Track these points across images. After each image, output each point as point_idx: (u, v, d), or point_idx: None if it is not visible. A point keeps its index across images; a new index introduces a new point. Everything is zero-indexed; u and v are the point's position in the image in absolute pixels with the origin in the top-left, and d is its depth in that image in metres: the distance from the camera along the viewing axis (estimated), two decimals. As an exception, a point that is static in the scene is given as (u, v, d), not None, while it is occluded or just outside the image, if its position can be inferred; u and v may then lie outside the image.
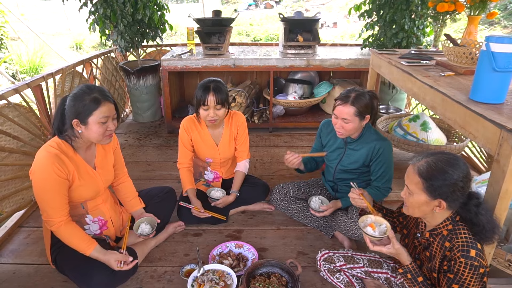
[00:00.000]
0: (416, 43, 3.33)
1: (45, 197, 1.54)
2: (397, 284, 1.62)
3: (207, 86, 1.99)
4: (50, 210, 1.56)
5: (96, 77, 3.46)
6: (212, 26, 3.48)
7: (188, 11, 3.71)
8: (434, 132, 2.67)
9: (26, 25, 8.35)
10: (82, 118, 1.54)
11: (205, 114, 2.03)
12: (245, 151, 2.28)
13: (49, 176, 1.52)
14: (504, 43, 1.36)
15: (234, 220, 2.28)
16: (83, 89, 1.55)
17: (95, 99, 1.54)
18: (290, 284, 1.68)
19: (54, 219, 1.57)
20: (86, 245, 1.62)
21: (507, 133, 1.23)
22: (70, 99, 1.55)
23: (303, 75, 3.93)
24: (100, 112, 1.55)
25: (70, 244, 1.62)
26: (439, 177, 1.24)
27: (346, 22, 12.60)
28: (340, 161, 2.03)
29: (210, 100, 1.98)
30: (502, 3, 9.88)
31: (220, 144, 2.21)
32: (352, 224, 1.93)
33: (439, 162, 1.26)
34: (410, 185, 1.32)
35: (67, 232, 1.60)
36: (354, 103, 1.79)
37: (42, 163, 1.52)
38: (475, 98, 1.50)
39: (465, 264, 1.20)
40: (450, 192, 1.24)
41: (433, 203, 1.28)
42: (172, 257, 1.95)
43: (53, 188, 1.54)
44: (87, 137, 1.59)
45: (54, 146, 1.57)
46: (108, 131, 1.60)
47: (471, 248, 1.21)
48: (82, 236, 1.63)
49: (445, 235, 1.31)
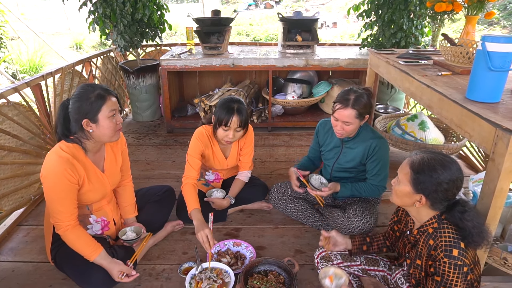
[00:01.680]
0: (414, 43, 3.34)
1: (55, 202, 1.55)
2: (393, 282, 1.63)
3: (231, 107, 1.92)
4: (59, 214, 1.56)
5: (96, 77, 3.47)
6: (211, 25, 3.49)
7: (188, 11, 3.71)
8: (432, 132, 2.69)
9: (26, 24, 8.36)
10: (92, 116, 1.54)
11: (223, 134, 1.98)
12: (248, 162, 2.26)
13: (60, 182, 1.52)
14: (500, 43, 1.37)
15: (232, 218, 2.29)
16: (85, 88, 1.55)
17: (100, 95, 1.54)
18: (288, 282, 1.69)
19: (62, 222, 1.57)
20: (92, 251, 1.61)
21: (502, 131, 1.24)
22: (74, 101, 1.54)
23: (302, 74, 3.94)
24: (108, 107, 1.55)
25: (74, 248, 1.61)
26: (427, 173, 1.26)
27: (345, 22, 12.60)
28: (337, 159, 2.05)
29: (234, 122, 1.92)
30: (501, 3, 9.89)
31: (229, 158, 2.22)
32: (349, 223, 1.94)
33: (432, 160, 1.28)
34: (400, 173, 1.36)
35: (73, 237, 1.60)
36: (354, 106, 1.80)
37: (54, 168, 1.52)
38: (471, 97, 1.51)
39: (449, 264, 1.21)
40: (432, 191, 1.26)
41: (415, 197, 1.31)
42: (171, 255, 1.96)
43: (64, 193, 1.54)
44: (99, 135, 1.59)
45: (65, 150, 1.56)
46: (117, 125, 1.61)
47: (453, 247, 1.22)
48: (88, 241, 1.63)
49: (430, 233, 1.32)
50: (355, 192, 1.98)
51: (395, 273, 1.62)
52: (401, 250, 1.55)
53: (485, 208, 1.36)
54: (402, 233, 1.53)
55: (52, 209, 1.57)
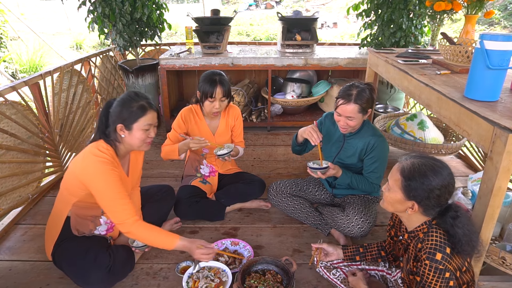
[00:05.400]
0: (414, 42, 3.33)
1: (115, 201, 1.55)
2: (392, 281, 1.63)
3: (213, 79, 2.04)
4: (122, 212, 1.55)
5: (95, 76, 3.47)
6: (210, 25, 3.49)
7: (188, 11, 3.71)
8: (431, 131, 2.68)
9: (26, 24, 8.36)
10: (128, 124, 1.58)
11: (210, 106, 2.08)
12: (241, 141, 2.39)
13: (113, 180, 1.54)
14: (498, 41, 1.37)
15: (230, 217, 2.28)
16: (131, 96, 1.60)
17: (142, 106, 1.59)
18: (285, 281, 1.68)
19: (129, 219, 1.56)
20: (172, 238, 1.62)
21: (500, 130, 1.23)
22: (117, 104, 1.59)
23: (301, 74, 3.93)
24: (145, 120, 1.60)
25: (149, 241, 1.61)
26: (418, 180, 1.24)
27: (346, 22, 12.60)
28: (338, 154, 2.05)
29: (218, 93, 2.04)
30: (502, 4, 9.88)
31: (216, 134, 2.27)
32: (349, 222, 1.93)
33: (423, 166, 1.26)
34: (390, 180, 1.34)
35: (144, 230, 1.59)
36: (356, 101, 1.80)
37: (102, 170, 1.54)
38: (470, 96, 1.51)
39: (430, 267, 1.20)
40: (425, 198, 1.25)
41: (407, 204, 1.29)
42: (168, 254, 1.95)
43: (119, 189, 1.56)
44: (129, 142, 1.63)
45: (104, 152, 1.58)
46: (149, 138, 1.66)
47: (437, 251, 1.21)
48: (160, 230, 1.63)
49: (420, 237, 1.31)
50: (353, 182, 1.98)
51: (396, 272, 1.62)
52: (397, 253, 1.55)
53: (483, 207, 1.35)
54: (397, 238, 1.53)
55: (114, 210, 1.55)
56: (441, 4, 2.35)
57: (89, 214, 1.74)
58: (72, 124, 2.93)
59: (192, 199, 2.18)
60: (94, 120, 3.43)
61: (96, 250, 1.67)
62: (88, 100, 3.26)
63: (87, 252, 1.65)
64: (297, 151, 2.21)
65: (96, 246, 1.70)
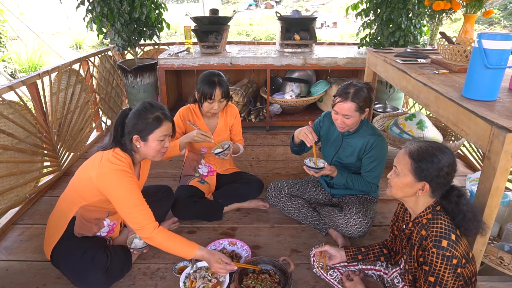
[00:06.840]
0: (413, 42, 3.32)
1: (135, 208, 1.56)
2: (389, 281, 1.62)
3: (212, 80, 2.04)
4: (141, 217, 1.57)
5: (93, 76, 3.46)
6: (209, 24, 3.48)
7: (187, 11, 3.70)
8: (430, 131, 2.67)
9: (25, 24, 8.36)
10: (144, 135, 1.60)
11: (209, 107, 2.09)
12: (241, 139, 2.41)
13: (131, 188, 1.57)
14: (496, 40, 1.36)
15: (228, 217, 2.28)
16: (146, 107, 1.61)
17: (158, 118, 1.61)
18: (283, 282, 1.68)
19: (149, 225, 1.57)
20: (192, 247, 1.61)
21: (498, 129, 1.23)
22: (132, 116, 1.60)
23: (300, 74, 3.93)
24: (161, 131, 1.61)
25: (169, 249, 1.60)
26: (428, 159, 1.28)
27: (346, 22, 12.59)
28: (337, 153, 2.04)
29: (217, 94, 2.05)
30: (501, 3, 9.87)
31: (215, 133, 2.27)
32: (347, 222, 1.92)
33: (429, 147, 1.30)
34: (398, 165, 1.36)
35: (164, 238, 1.59)
36: (354, 99, 1.80)
37: (122, 179, 1.55)
38: (468, 95, 1.50)
39: (437, 255, 1.22)
40: (435, 176, 1.28)
41: (417, 186, 1.32)
42: (166, 254, 1.94)
43: (138, 196, 1.59)
44: (144, 152, 1.65)
45: (122, 161, 1.59)
46: (163, 148, 1.66)
47: (443, 238, 1.24)
48: (180, 238, 1.63)
49: (424, 223, 1.34)
50: (349, 182, 1.97)
51: (392, 272, 1.61)
52: (398, 247, 1.55)
53: (481, 207, 1.35)
54: (400, 230, 1.53)
55: (134, 216, 1.56)
56: (440, 4, 2.34)
57: (95, 217, 1.74)
58: (70, 123, 2.93)
59: (190, 199, 2.17)
60: (92, 120, 3.42)
61: (94, 250, 1.66)
62: (87, 99, 3.26)
63: (84, 252, 1.65)
64: (295, 152, 2.20)
65: (94, 246, 1.70)
